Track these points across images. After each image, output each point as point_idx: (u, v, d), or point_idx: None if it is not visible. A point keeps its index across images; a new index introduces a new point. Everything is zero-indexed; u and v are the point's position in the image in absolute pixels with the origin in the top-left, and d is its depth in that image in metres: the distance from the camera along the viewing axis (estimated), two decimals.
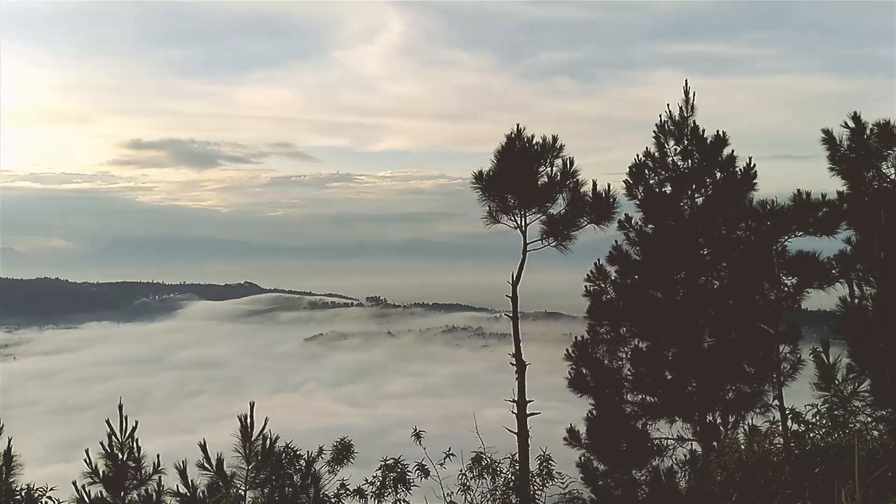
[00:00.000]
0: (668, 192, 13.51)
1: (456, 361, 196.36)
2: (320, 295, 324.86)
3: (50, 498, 9.13)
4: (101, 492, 9.55)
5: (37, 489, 9.06)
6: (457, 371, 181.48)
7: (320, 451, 9.94)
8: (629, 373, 13.60)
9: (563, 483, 9.98)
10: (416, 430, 10.26)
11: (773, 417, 10.15)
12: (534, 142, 11.58)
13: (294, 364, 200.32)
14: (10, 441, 9.12)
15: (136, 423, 9.84)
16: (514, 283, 11.70)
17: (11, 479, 8.94)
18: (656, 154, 13.52)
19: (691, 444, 13.35)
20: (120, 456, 9.69)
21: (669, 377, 13.51)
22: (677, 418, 13.40)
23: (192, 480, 9.51)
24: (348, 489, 9.93)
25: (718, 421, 13.23)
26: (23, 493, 8.92)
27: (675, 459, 13.44)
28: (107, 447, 9.69)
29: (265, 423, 9.62)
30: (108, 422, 9.74)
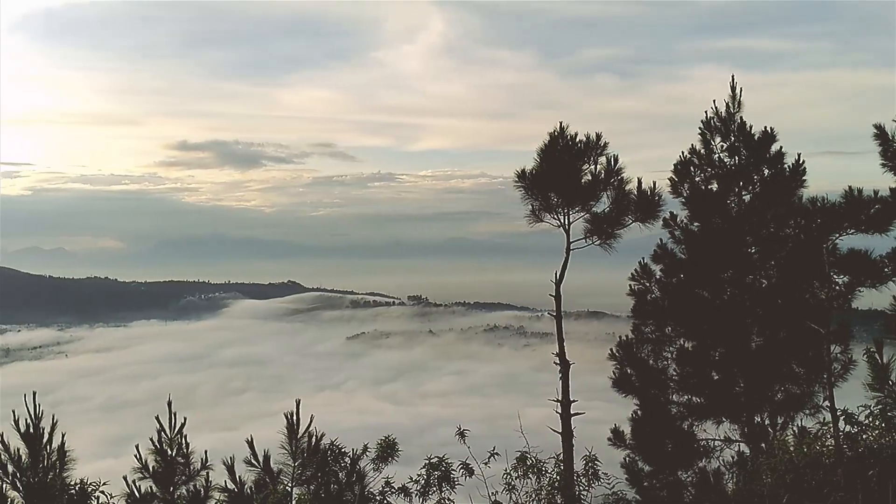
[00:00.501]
0: (715, 189, 13.30)
1: (497, 360, 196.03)
2: (362, 294, 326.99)
3: (103, 492, 9.31)
4: (150, 487, 9.72)
5: (90, 484, 9.25)
6: (498, 370, 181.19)
7: (365, 448, 9.98)
8: (675, 373, 13.42)
9: (609, 484, 9.89)
10: (459, 428, 10.26)
11: (824, 419, 9.92)
12: (577, 140, 11.49)
13: (336, 362, 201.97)
14: (63, 436, 9.32)
15: (185, 419, 9.99)
16: (558, 282, 11.62)
17: (65, 474, 9.14)
18: (702, 151, 13.31)
19: (739, 445, 13.13)
20: (169, 452, 9.85)
21: (716, 377, 13.30)
22: (724, 419, 13.19)
23: (239, 476, 9.63)
24: (393, 487, 9.96)
25: (767, 422, 12.99)
26: (77, 488, 9.11)
27: (723, 461, 13.23)
28: (156, 443, 9.85)
29: (311, 421, 9.70)
30: (157, 418, 9.90)
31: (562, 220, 11.79)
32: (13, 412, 9.04)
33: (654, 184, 11.79)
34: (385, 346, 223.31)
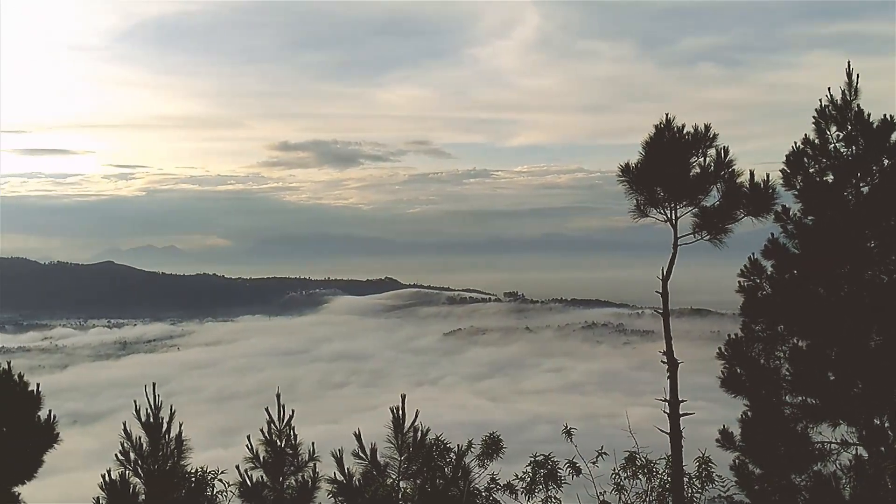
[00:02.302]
0: (830, 181, 12.68)
1: (596, 358, 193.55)
2: (458, 290, 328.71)
3: (221, 480, 9.70)
4: (261, 476, 10.04)
5: (210, 472, 9.65)
6: (597, 368, 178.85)
7: (469, 444, 10.02)
8: (787, 373, 12.87)
9: (723, 486, 9.59)
10: (566, 426, 10.16)
11: None
12: (684, 132, 11.15)
13: (433, 358, 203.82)
14: (181, 426, 9.74)
15: (293, 411, 10.27)
16: (665, 279, 11.32)
17: (183, 462, 9.56)
18: (816, 141, 12.70)
19: (856, 448, 12.50)
20: (278, 443, 10.15)
21: (832, 378, 12.70)
22: (841, 421, 12.58)
23: (347, 468, 9.83)
24: (498, 484, 9.95)
25: (887, 425, 12.32)
26: (197, 476, 9.52)
27: (839, 465, 12.64)
28: (266, 434, 10.16)
29: (416, 416, 9.81)
30: (267, 410, 10.22)
31: (668, 215, 11.47)
32: (135, 402, 9.51)
33: (768, 176, 11.32)
34: (482, 343, 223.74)
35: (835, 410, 12.57)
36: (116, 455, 9.29)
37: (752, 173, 11.22)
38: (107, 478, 9.09)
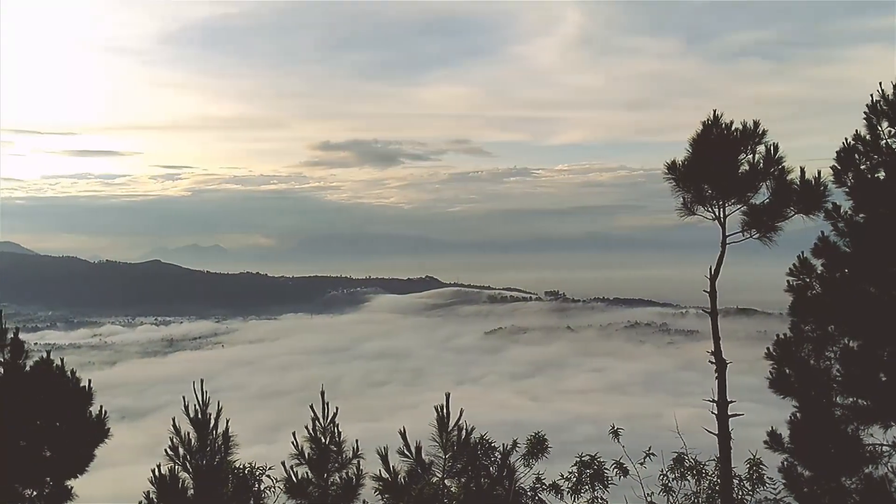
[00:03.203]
0: (882, 177, 12.38)
1: (639, 358, 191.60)
2: (499, 289, 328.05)
3: (269, 476, 9.83)
4: (306, 472, 10.14)
5: (258, 468, 9.78)
6: (640, 368, 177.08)
7: (514, 443, 10.00)
8: (838, 374, 12.60)
9: (774, 489, 9.44)
10: (613, 427, 10.08)
11: None
12: (733, 128, 10.97)
13: (474, 357, 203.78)
14: (227, 422, 9.88)
15: (337, 409, 10.34)
16: (713, 278, 11.15)
17: (230, 457, 9.69)
18: (867, 137, 12.40)
19: None
20: (323, 440, 10.23)
21: (884, 379, 12.40)
22: (893, 423, 12.28)
23: (392, 466, 9.87)
24: (544, 484, 9.91)
25: None
26: (246, 472, 9.66)
27: (891, 467, 12.34)
28: (311, 431, 10.26)
29: (460, 414, 9.81)
30: (311, 407, 10.31)
31: (716, 213, 11.31)
32: (183, 398, 9.67)
33: (819, 173, 11.09)
34: (523, 342, 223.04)
35: (887, 412, 12.27)
36: (166, 450, 9.46)
37: (802, 170, 11.00)
38: (156, 472, 9.26)
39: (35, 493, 9.74)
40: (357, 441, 10.37)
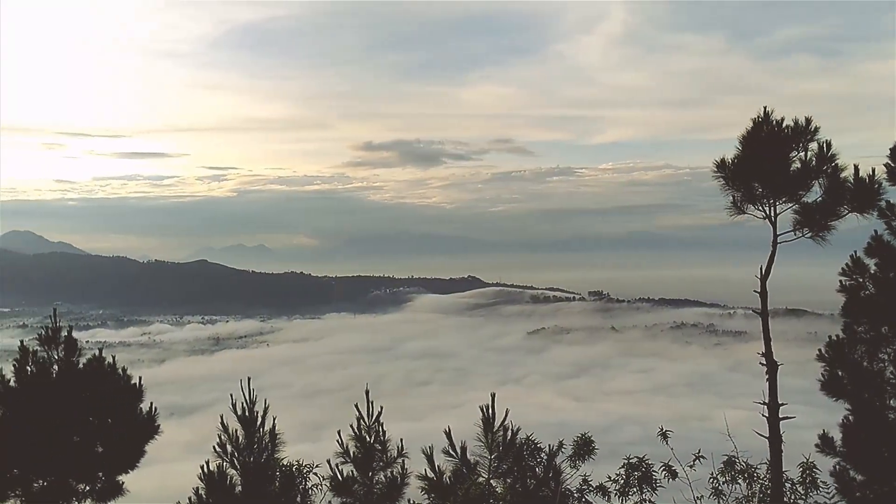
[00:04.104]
0: None
1: (686, 359, 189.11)
2: (542, 289, 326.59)
3: (316, 474, 9.92)
4: (351, 471, 10.20)
5: (305, 466, 9.87)
6: (687, 369, 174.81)
7: (560, 444, 9.93)
8: (892, 376, 12.28)
9: (828, 493, 9.22)
10: (661, 429, 9.95)
11: None
12: (784, 125, 10.74)
13: (517, 357, 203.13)
14: (274, 420, 9.99)
15: (381, 408, 10.38)
16: (763, 278, 10.94)
17: (277, 455, 9.80)
18: None
19: None
20: (367, 438, 10.29)
21: None
22: None
23: (438, 466, 9.88)
24: (591, 485, 9.83)
25: None
26: (293, 469, 9.76)
27: None
28: (355, 430, 10.31)
29: (506, 415, 9.78)
30: (356, 406, 10.36)
31: (767, 212, 11.09)
32: (231, 396, 9.80)
33: (873, 170, 10.81)
34: (566, 342, 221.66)
35: None
36: (214, 447, 9.59)
37: (856, 168, 10.73)
38: (205, 469, 9.40)
39: (88, 487, 9.97)
40: (402, 440, 10.40)
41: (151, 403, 10.35)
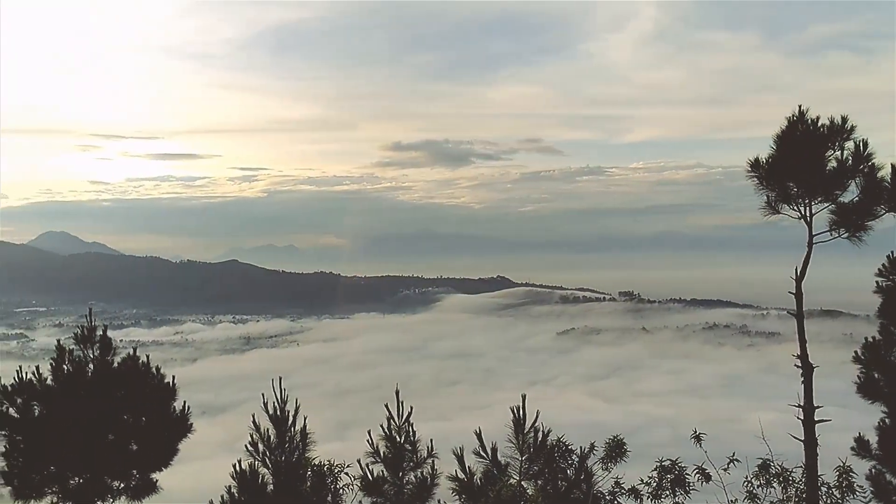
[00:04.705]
0: None
1: (718, 360, 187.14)
2: (572, 289, 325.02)
3: (347, 474, 9.96)
4: (382, 471, 10.23)
5: (336, 465, 9.91)
6: (719, 370, 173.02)
7: (592, 446, 9.88)
8: None
9: (864, 497, 9.07)
10: (695, 431, 9.85)
11: None
12: (819, 124, 10.58)
13: (547, 357, 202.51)
14: (305, 419, 10.04)
15: (411, 408, 10.40)
16: (799, 279, 10.79)
17: (308, 454, 9.86)
18: None
19: None
20: (398, 438, 10.31)
21: None
22: None
23: (469, 467, 9.86)
24: (623, 487, 9.76)
25: None
26: (325, 469, 9.80)
27: None
28: (386, 430, 10.34)
29: (536, 416, 9.74)
30: (386, 406, 10.38)
31: (802, 212, 10.93)
32: (262, 395, 9.88)
33: None
34: (596, 343, 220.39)
35: None
36: (246, 446, 9.66)
37: (893, 167, 10.53)
38: (237, 467, 9.47)
39: (122, 485, 10.10)
40: (431, 440, 10.40)
41: (184, 402, 10.46)
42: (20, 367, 9.66)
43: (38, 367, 9.78)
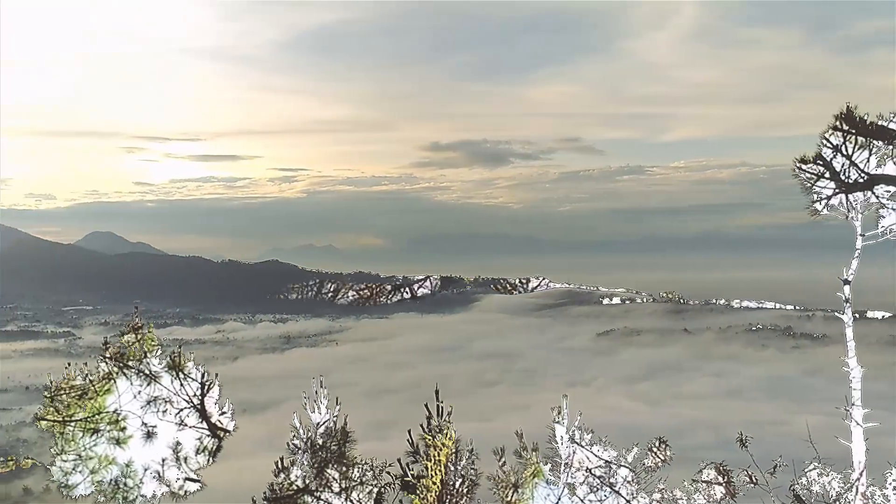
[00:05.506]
0: None
1: (762, 363, 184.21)
2: (611, 290, 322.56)
3: (388, 473, 9.98)
4: (421, 470, 10.22)
5: (378, 465, 9.94)
6: (763, 373, 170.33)
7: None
8: None
9: None
10: (741, 434, 9.66)
11: None
12: (868, 122, 10.35)
13: (586, 358, 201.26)
14: (345, 418, 10.10)
15: (451, 408, 10.39)
16: (847, 280, 10.56)
17: (348, 452, 9.90)
18: None
19: None
20: (438, 438, 10.31)
21: None
22: None
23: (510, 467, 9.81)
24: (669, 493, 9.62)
25: None
26: (366, 467, 9.84)
27: None
28: (426, 429, 10.34)
29: (579, 417, 9.65)
30: (426, 405, 10.39)
31: (851, 211, 10.71)
32: (303, 393, 9.97)
33: None
34: (636, 344, 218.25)
35: None
36: (287, 443, 9.74)
37: None
38: (279, 465, 9.55)
39: None
40: (471, 440, 10.38)
41: (227, 400, 10.58)
42: (68, 363, 9.85)
43: (85, 364, 9.96)
